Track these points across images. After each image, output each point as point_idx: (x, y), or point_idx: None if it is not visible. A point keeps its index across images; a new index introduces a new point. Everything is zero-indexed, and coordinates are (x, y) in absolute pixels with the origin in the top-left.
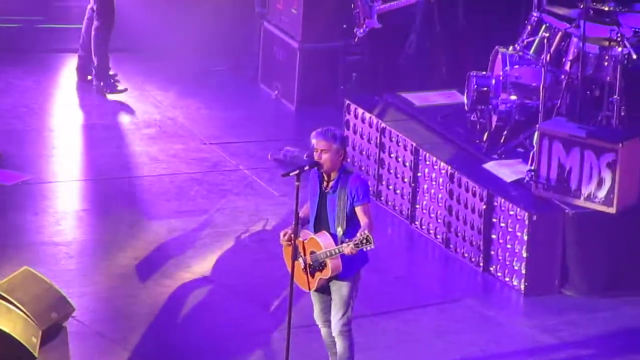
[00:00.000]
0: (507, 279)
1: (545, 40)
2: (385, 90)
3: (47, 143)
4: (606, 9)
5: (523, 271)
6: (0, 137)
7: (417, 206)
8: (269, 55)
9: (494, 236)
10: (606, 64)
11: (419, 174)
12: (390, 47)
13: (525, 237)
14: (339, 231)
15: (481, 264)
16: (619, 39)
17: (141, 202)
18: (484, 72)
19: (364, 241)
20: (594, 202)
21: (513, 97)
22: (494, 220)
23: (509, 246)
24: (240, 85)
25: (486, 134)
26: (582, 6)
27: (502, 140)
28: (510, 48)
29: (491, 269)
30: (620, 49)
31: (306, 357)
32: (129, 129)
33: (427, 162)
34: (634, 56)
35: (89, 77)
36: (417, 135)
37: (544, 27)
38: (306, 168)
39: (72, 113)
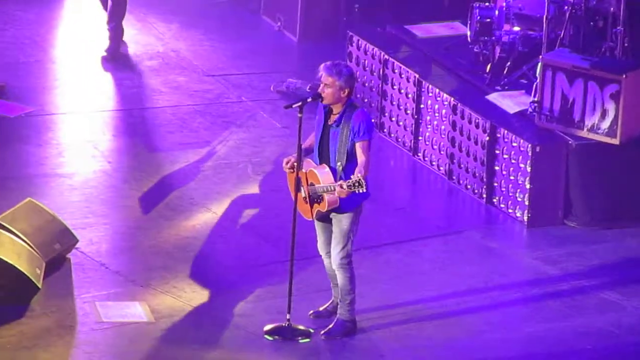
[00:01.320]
0: (510, 211)
1: None
2: (387, 22)
3: (50, 75)
4: None
5: (526, 202)
6: (3, 69)
7: (420, 138)
8: None
9: (497, 168)
10: None
11: (422, 106)
12: None
13: (529, 169)
14: (339, 166)
15: (484, 196)
16: None
17: (144, 134)
18: (487, 4)
19: (356, 184)
20: (598, 133)
21: (516, 28)
22: (497, 151)
23: (512, 178)
24: (243, 17)
25: (489, 66)
26: None
27: (505, 72)
28: None
29: (494, 200)
30: None
31: (309, 288)
32: (132, 61)
33: (430, 94)
34: None
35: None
36: (419, 67)
37: None
38: (309, 100)
39: (74, 45)
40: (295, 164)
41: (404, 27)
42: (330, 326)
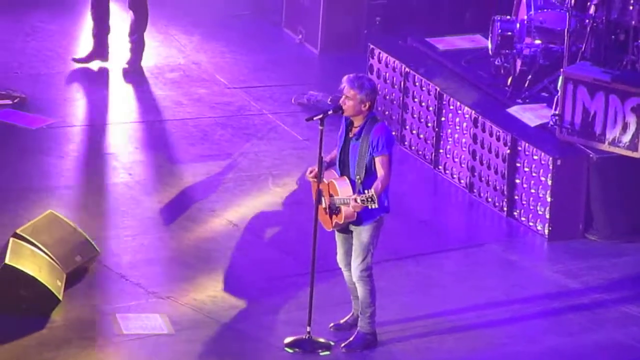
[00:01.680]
0: (531, 224)
1: None
2: (409, 35)
3: (72, 87)
4: None
5: (547, 216)
6: (26, 81)
7: (441, 151)
8: None
9: (517, 181)
10: (631, 7)
11: (443, 119)
12: None
13: (549, 182)
14: (358, 179)
15: (505, 209)
16: None
17: (165, 146)
18: (508, 17)
19: (369, 199)
20: (619, 146)
21: (537, 42)
22: (518, 164)
23: (532, 191)
24: (265, 29)
25: (510, 79)
26: None
27: (526, 85)
28: None
29: (515, 213)
30: None
31: (329, 300)
32: (153, 73)
33: (451, 107)
34: None
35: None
36: (441, 80)
37: None
38: (330, 112)
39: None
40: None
41: (426, 39)
42: (351, 339)
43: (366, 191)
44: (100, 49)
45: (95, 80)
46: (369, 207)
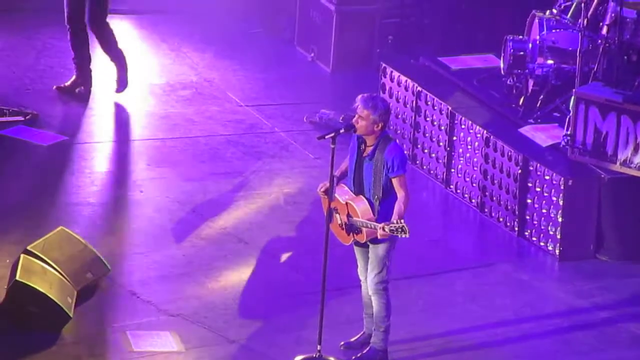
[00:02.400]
0: (542, 244)
1: (583, 5)
2: (421, 54)
3: (83, 104)
4: None
5: (558, 236)
6: (38, 98)
7: (453, 170)
8: (305, 17)
9: (529, 201)
10: None
11: (455, 138)
12: (427, 11)
13: (561, 202)
14: (375, 199)
15: (516, 229)
16: None
17: (176, 163)
18: (520, 36)
19: (399, 230)
20: (630, 167)
21: (550, 62)
22: (529, 184)
23: (544, 211)
24: (277, 47)
25: (522, 98)
26: None
27: (538, 105)
28: (548, 12)
29: (526, 233)
30: None
31: (340, 319)
32: (165, 91)
33: (463, 126)
34: None
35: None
36: (453, 99)
37: None
38: (342, 131)
39: (108, 74)
40: (328, 197)
41: (438, 58)
42: (364, 351)
43: (396, 221)
44: (83, 78)
45: (107, 98)
46: (399, 236)
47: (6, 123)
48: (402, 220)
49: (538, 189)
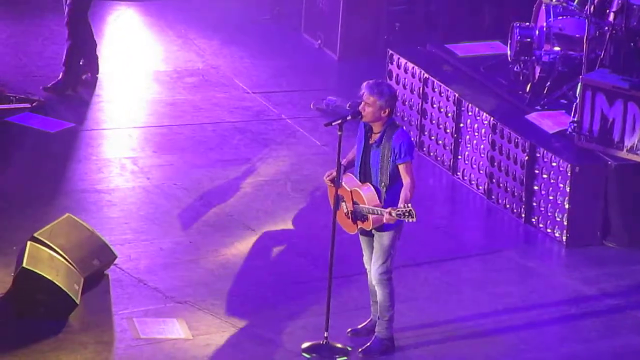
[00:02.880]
0: (548, 230)
1: None
2: (428, 41)
3: (90, 91)
4: None
5: (565, 222)
6: (45, 84)
7: (459, 157)
8: (312, 4)
9: (536, 187)
10: None
11: (462, 125)
12: None
13: (568, 189)
14: (382, 186)
15: (523, 215)
16: None
17: (183, 150)
18: (527, 23)
19: (407, 214)
20: (637, 154)
21: (556, 48)
22: (536, 171)
23: (551, 197)
24: (284, 34)
25: (529, 85)
26: None
27: (545, 92)
28: None
29: (533, 220)
30: None
31: (347, 306)
32: (172, 78)
33: (470, 113)
34: None
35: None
36: (459, 86)
37: None
38: (348, 118)
39: (115, 61)
40: (335, 184)
41: (445, 45)
42: (368, 344)
43: (403, 205)
44: (91, 64)
45: (113, 84)
46: (407, 220)
47: (13, 110)
48: (410, 205)
49: (545, 176)
